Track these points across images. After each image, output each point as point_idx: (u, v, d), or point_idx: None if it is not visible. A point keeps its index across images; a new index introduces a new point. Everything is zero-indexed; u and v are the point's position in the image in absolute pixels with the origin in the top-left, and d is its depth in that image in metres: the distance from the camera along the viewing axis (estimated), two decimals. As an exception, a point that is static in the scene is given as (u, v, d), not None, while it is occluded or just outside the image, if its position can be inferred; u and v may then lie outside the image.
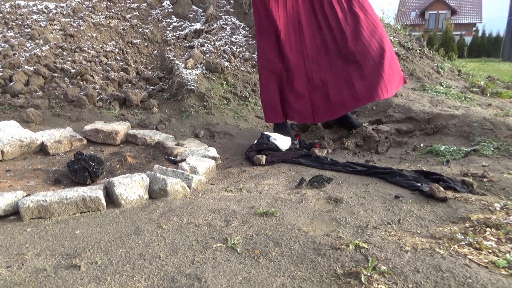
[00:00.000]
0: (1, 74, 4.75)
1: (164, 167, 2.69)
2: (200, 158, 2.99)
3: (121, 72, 5.40)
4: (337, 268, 1.50)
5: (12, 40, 5.51)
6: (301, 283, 1.44)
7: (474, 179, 2.47)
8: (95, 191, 2.20)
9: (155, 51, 6.21)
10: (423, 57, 6.33)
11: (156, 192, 2.37)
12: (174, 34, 6.53)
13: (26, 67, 4.98)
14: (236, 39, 6.20)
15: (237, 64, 5.45)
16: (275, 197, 2.31)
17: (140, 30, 6.55)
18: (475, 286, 1.34)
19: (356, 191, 2.39)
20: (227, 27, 6.53)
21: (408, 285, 1.37)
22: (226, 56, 5.62)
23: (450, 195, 2.23)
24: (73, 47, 5.73)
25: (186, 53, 5.93)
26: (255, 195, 2.39)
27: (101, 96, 4.78)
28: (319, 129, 4.31)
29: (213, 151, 3.28)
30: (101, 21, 6.47)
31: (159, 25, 6.74)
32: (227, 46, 5.98)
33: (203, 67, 5.24)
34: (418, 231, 1.81)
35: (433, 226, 1.85)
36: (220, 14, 6.89)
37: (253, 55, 5.74)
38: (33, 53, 5.27)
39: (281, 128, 3.81)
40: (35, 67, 4.99)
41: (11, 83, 4.67)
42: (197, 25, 6.65)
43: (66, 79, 5.08)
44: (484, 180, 2.46)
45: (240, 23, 6.62)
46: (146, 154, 3.36)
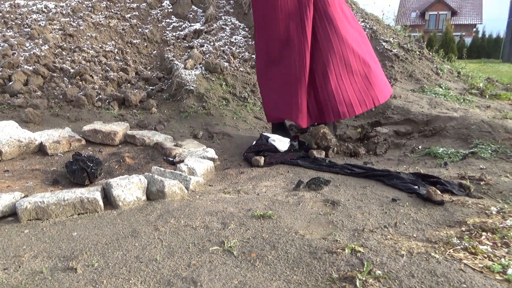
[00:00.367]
0: (0, 73, 4.75)
1: (162, 168, 2.69)
2: (199, 159, 3.00)
3: (120, 72, 5.40)
4: (333, 272, 1.51)
5: (11, 40, 5.51)
6: (296, 287, 1.44)
7: (472, 182, 2.48)
8: (92, 193, 2.21)
9: (155, 51, 6.21)
10: (422, 59, 6.33)
11: (154, 194, 2.38)
12: (174, 34, 6.53)
13: (25, 66, 4.98)
14: (235, 39, 6.20)
15: (237, 65, 5.45)
16: (273, 199, 2.32)
17: (140, 30, 6.55)
18: (470, 291, 1.35)
19: (353, 194, 2.39)
20: (227, 28, 6.53)
21: (403, 289, 1.38)
22: (226, 57, 5.62)
23: (447, 198, 2.23)
24: (72, 47, 5.73)
25: (186, 54, 5.93)
26: (253, 197, 2.40)
27: (100, 96, 4.77)
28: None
29: (211, 152, 3.28)
30: (100, 21, 6.46)
31: (158, 25, 6.73)
32: (226, 46, 5.98)
33: (203, 68, 5.24)
34: (415, 235, 1.81)
35: (429, 230, 1.86)
36: (219, 15, 6.89)
37: (252, 55, 5.74)
38: (32, 52, 5.27)
39: (280, 129, 3.82)
40: (34, 66, 4.99)
41: (10, 83, 4.67)
42: (197, 26, 6.65)
43: (65, 79, 5.08)
44: (481, 183, 2.47)
45: (240, 24, 6.62)
46: (144, 154, 3.36)
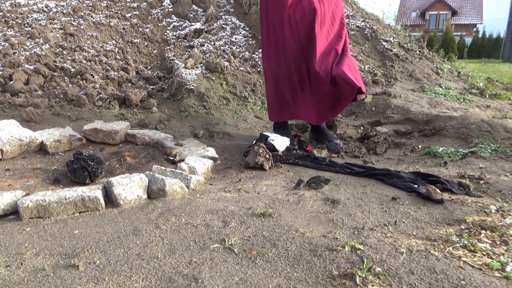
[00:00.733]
0: (1, 73, 4.76)
1: (163, 167, 2.71)
2: (199, 159, 3.01)
3: (121, 72, 5.41)
4: (333, 269, 1.52)
5: (12, 39, 5.52)
6: (296, 284, 1.45)
7: (471, 181, 2.49)
8: (94, 191, 2.22)
9: (155, 51, 6.22)
10: (422, 58, 6.34)
11: (154, 192, 2.39)
12: (174, 33, 6.54)
13: (26, 66, 4.99)
14: (236, 39, 6.21)
15: (237, 64, 5.46)
16: (273, 198, 2.33)
17: (140, 29, 6.56)
18: (469, 288, 1.36)
19: (353, 193, 2.41)
20: (227, 27, 6.54)
21: (403, 286, 1.39)
22: (226, 56, 5.62)
23: (447, 197, 2.24)
24: (73, 46, 5.74)
25: (186, 53, 5.94)
26: (253, 195, 2.41)
27: (100, 96, 4.78)
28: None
29: (212, 151, 3.30)
30: (101, 20, 6.47)
31: (159, 24, 6.74)
32: (227, 46, 5.99)
33: (203, 67, 5.25)
34: (414, 233, 1.82)
35: (428, 228, 1.87)
36: (220, 14, 6.90)
37: (252, 55, 5.75)
38: (33, 52, 5.28)
39: (280, 129, 3.83)
40: (35, 66, 5.00)
41: (11, 82, 4.68)
42: (197, 25, 6.65)
43: (66, 78, 5.09)
44: (481, 182, 2.48)
45: (240, 23, 6.63)
46: (145, 154, 3.38)
